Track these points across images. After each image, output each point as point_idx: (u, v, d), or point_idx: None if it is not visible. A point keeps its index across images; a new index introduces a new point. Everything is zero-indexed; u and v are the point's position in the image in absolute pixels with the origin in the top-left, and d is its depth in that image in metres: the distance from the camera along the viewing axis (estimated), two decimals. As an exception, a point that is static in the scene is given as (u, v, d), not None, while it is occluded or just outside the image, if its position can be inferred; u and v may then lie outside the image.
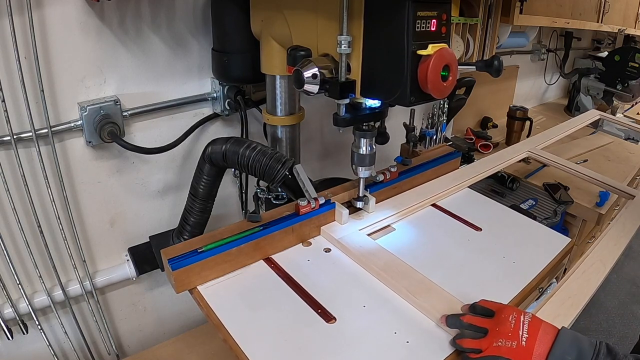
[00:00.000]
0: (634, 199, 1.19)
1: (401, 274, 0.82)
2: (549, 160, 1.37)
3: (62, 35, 0.91)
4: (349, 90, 0.79)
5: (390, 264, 0.85)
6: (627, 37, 2.57)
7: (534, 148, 1.42)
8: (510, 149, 1.42)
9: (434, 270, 0.87)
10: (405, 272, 0.83)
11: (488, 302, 0.71)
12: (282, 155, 0.91)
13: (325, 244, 0.93)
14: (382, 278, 0.83)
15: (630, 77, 2.27)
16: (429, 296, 0.77)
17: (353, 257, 0.88)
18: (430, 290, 0.79)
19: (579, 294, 0.80)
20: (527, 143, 1.48)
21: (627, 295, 2.35)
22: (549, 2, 1.78)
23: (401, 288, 0.79)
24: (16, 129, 0.90)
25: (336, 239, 0.92)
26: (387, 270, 0.83)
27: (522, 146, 1.44)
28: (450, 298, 0.77)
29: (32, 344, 1.08)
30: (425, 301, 0.76)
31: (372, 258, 0.86)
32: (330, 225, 0.96)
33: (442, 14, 0.74)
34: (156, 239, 1.15)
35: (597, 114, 1.78)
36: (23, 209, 0.96)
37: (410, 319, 0.75)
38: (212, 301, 0.78)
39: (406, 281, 0.81)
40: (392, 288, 0.81)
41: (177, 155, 1.18)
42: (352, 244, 0.90)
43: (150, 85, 1.07)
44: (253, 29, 1.00)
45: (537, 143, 1.47)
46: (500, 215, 1.08)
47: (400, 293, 0.80)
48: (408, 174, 1.12)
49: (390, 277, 0.81)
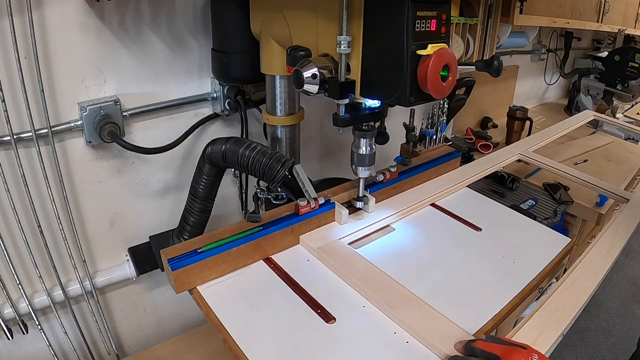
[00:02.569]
0: (628, 202, 1.17)
1: (380, 286, 0.79)
2: (540, 162, 1.34)
3: (62, 35, 0.91)
4: (349, 90, 0.79)
5: (369, 275, 0.81)
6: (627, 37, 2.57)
7: (526, 150, 1.39)
8: (502, 151, 1.39)
9: (433, 270, 0.87)
10: (384, 283, 0.80)
11: (488, 345, 0.62)
12: (282, 155, 0.91)
13: (305, 254, 0.90)
14: (361, 290, 0.79)
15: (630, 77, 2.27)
16: (409, 309, 0.74)
17: (331, 268, 0.85)
18: (410, 303, 0.75)
19: (568, 305, 0.77)
20: (519, 145, 1.45)
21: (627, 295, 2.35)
22: (549, 2, 1.78)
23: (380, 300, 0.76)
24: (16, 129, 0.90)
25: (314, 248, 0.88)
26: (365, 281, 0.80)
27: (513, 149, 1.41)
28: (432, 312, 0.73)
29: (32, 344, 1.08)
30: (405, 315, 0.73)
31: (350, 269, 0.83)
32: (311, 233, 0.93)
33: (442, 13, 0.74)
34: (156, 239, 1.15)
35: (592, 115, 1.75)
36: (23, 209, 0.96)
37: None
38: (212, 301, 0.78)
39: (385, 293, 0.77)
40: (370, 300, 0.78)
41: (177, 155, 1.18)
42: (331, 254, 0.87)
43: (150, 85, 1.07)
44: (253, 29, 1.00)
45: (531, 145, 1.44)
46: (500, 215, 1.08)
47: (379, 306, 0.76)
48: (408, 174, 1.12)
49: (369, 289, 0.78)
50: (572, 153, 1.94)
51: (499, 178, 1.63)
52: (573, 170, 1.32)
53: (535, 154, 1.38)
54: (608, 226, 1.03)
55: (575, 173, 1.30)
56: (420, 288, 0.82)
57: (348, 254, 0.88)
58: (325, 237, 0.92)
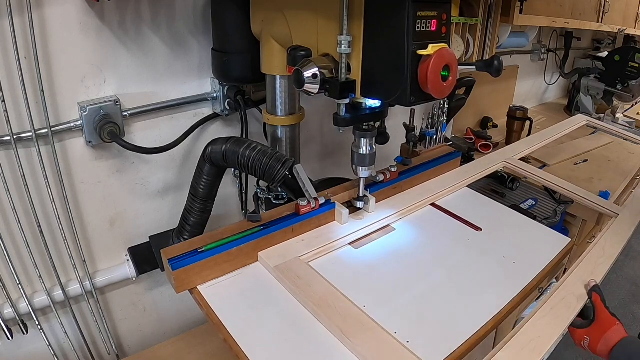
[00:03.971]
0: (617, 217, 1.10)
1: (337, 310, 0.73)
2: (524, 171, 1.29)
3: (62, 35, 0.91)
4: (349, 90, 0.79)
5: (327, 298, 0.76)
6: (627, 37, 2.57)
7: (511, 158, 1.35)
8: (485, 159, 1.35)
9: (433, 270, 0.87)
10: (342, 308, 0.74)
11: (599, 304, 0.77)
12: (282, 155, 0.91)
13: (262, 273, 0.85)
14: (316, 314, 0.74)
15: (630, 77, 2.26)
16: (365, 338, 0.69)
17: (287, 288, 0.80)
18: (367, 331, 0.70)
19: (544, 335, 0.71)
20: (505, 152, 1.40)
21: (627, 295, 2.35)
22: (549, 2, 1.78)
23: (334, 327, 0.71)
24: (16, 129, 0.90)
25: (272, 267, 0.84)
26: (321, 304, 0.74)
27: (497, 156, 1.37)
28: (388, 339, 0.69)
29: (32, 344, 1.08)
30: (359, 344, 0.68)
31: (308, 290, 0.78)
32: (270, 250, 0.87)
33: (442, 14, 0.74)
34: (156, 239, 1.15)
35: (584, 119, 1.70)
36: (23, 209, 0.96)
37: (411, 319, 0.75)
38: (212, 301, 0.78)
39: (341, 319, 0.72)
40: (325, 326, 0.72)
41: (177, 155, 1.18)
42: (288, 274, 0.81)
43: (150, 85, 1.07)
44: (253, 29, 1.00)
45: (518, 151, 1.39)
46: (500, 215, 1.08)
47: (334, 332, 0.71)
48: (408, 174, 1.12)
49: (324, 314, 0.73)
50: (572, 153, 1.94)
51: (499, 178, 1.63)
52: (558, 180, 1.28)
53: (520, 162, 1.33)
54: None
55: (561, 183, 1.25)
56: (420, 288, 0.82)
57: (307, 273, 0.82)
58: (285, 254, 0.86)
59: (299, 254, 0.87)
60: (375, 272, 0.87)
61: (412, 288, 0.82)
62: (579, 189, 1.23)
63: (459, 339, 0.71)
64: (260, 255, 0.87)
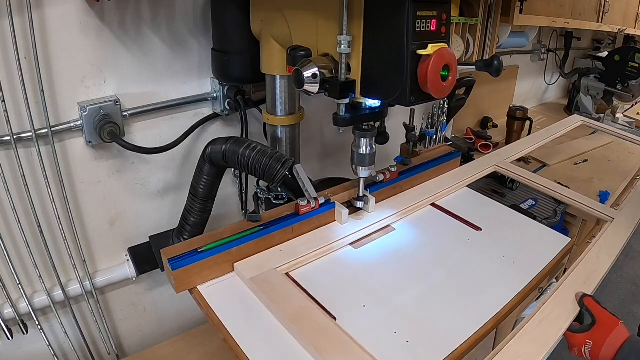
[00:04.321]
0: (613, 221, 1.05)
1: (312, 326, 0.70)
2: (516, 174, 1.26)
3: (62, 35, 0.91)
4: (349, 90, 0.79)
5: (302, 312, 0.73)
6: (627, 37, 2.56)
7: (502, 162, 1.30)
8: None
9: (433, 270, 0.87)
10: (318, 324, 0.71)
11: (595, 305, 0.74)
12: (282, 155, 0.91)
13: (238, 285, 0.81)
14: (291, 330, 0.71)
15: (630, 77, 2.26)
16: (339, 354, 0.66)
17: (263, 301, 0.77)
18: (341, 347, 0.67)
19: (531, 352, 0.67)
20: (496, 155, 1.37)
21: (627, 295, 2.34)
22: (549, 2, 1.77)
23: (309, 345, 0.68)
24: (16, 129, 0.90)
25: (247, 279, 0.80)
26: (297, 319, 0.72)
27: (496, 157, 1.34)
28: (363, 356, 0.66)
29: (32, 344, 1.08)
30: None
31: (284, 304, 0.75)
32: (245, 261, 0.84)
33: (442, 13, 0.74)
34: (156, 239, 1.15)
35: (580, 120, 1.66)
36: (23, 209, 0.96)
37: (410, 319, 0.75)
38: (212, 301, 0.78)
39: (315, 334, 0.69)
40: (300, 343, 0.69)
41: (177, 155, 1.18)
42: (264, 286, 0.78)
43: (150, 85, 1.07)
44: (253, 28, 1.00)
45: (511, 154, 1.37)
46: (500, 215, 1.08)
47: (308, 349, 0.68)
48: (408, 174, 1.12)
49: (299, 330, 0.70)
50: (572, 153, 1.94)
51: (499, 178, 1.63)
52: (551, 183, 1.23)
53: (512, 165, 1.31)
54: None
55: (553, 187, 1.21)
56: (420, 288, 0.82)
57: (283, 286, 0.79)
58: (262, 265, 0.83)
59: (276, 265, 0.83)
60: (375, 272, 0.87)
61: (412, 288, 0.82)
62: (571, 191, 1.21)
63: (459, 339, 0.71)
64: (236, 266, 0.83)
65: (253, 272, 0.81)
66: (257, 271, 0.82)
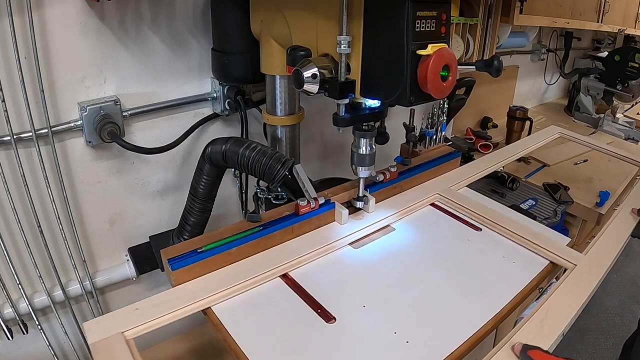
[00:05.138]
0: (575, 267, 0.86)
1: None
2: (459, 204, 1.06)
3: (62, 35, 0.91)
4: (349, 90, 0.79)
5: None
6: (627, 37, 2.57)
7: (446, 189, 1.11)
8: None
9: (433, 270, 0.87)
10: None
11: (542, 356, 0.62)
12: (282, 155, 0.91)
13: None
14: None
15: (630, 77, 2.26)
16: None
17: None
18: None
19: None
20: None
21: (627, 295, 2.34)
22: (549, 2, 1.78)
23: None
24: (16, 129, 0.90)
25: (90, 342, 0.67)
26: None
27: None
28: None
29: (32, 344, 1.08)
30: None
31: None
32: (96, 321, 0.71)
33: (442, 13, 0.74)
34: (156, 239, 1.15)
35: (557, 132, 1.51)
36: (23, 209, 0.96)
37: (411, 319, 0.75)
38: (212, 301, 0.78)
39: None
40: None
41: (177, 155, 1.18)
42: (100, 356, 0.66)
43: (150, 85, 1.07)
44: (253, 29, 1.00)
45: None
46: (500, 216, 1.08)
47: None
48: (408, 174, 1.12)
49: None
50: (572, 153, 1.94)
51: (499, 178, 1.63)
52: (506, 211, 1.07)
53: (457, 193, 1.12)
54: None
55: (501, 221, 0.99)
56: (419, 288, 0.82)
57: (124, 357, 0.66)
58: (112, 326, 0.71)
59: (128, 327, 0.69)
60: (375, 272, 0.87)
61: (412, 288, 0.82)
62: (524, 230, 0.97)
63: (459, 339, 0.71)
64: (84, 325, 0.68)
65: (99, 335, 0.67)
66: (103, 334, 0.67)
